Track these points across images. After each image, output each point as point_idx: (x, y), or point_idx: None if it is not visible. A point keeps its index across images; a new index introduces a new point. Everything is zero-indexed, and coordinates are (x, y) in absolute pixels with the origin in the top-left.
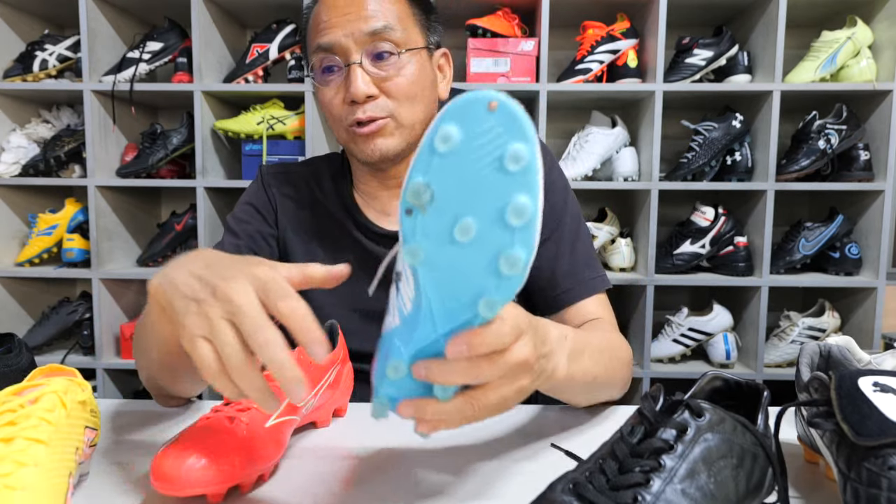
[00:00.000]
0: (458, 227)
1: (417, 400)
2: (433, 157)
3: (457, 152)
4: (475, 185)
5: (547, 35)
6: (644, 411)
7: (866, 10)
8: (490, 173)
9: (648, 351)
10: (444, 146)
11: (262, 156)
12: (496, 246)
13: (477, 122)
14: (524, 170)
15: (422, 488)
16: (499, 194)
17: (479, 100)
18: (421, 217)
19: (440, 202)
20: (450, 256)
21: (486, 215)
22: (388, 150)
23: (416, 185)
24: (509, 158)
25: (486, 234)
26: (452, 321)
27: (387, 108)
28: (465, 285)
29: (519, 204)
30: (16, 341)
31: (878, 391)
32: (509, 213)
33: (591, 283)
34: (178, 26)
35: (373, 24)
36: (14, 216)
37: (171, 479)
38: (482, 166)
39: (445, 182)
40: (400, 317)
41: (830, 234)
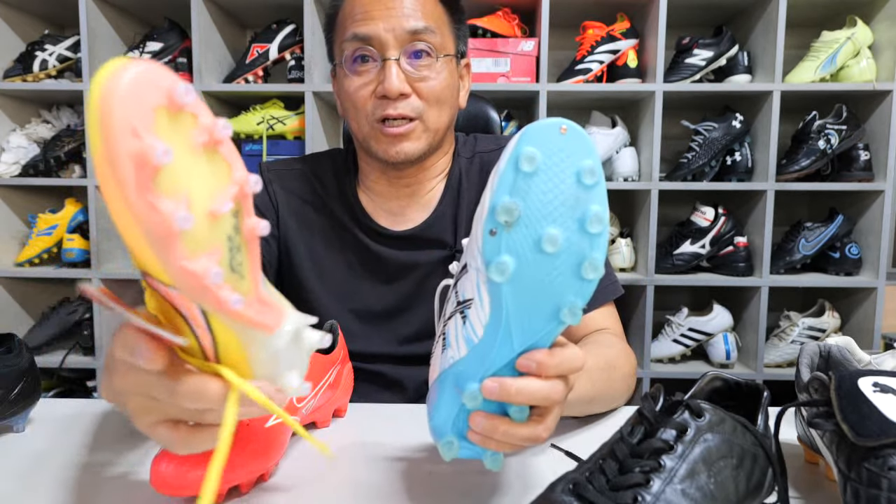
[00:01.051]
0: (545, 239)
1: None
2: (517, 176)
3: (540, 171)
4: (558, 200)
5: (547, 35)
6: (644, 411)
7: (866, 10)
8: (569, 187)
9: (648, 351)
10: (528, 166)
11: (263, 156)
12: (580, 253)
13: (553, 144)
14: (597, 182)
15: (421, 488)
16: (579, 206)
17: (553, 125)
18: (506, 235)
19: (526, 218)
20: (536, 269)
21: (570, 226)
22: (412, 154)
23: (506, 204)
24: (586, 173)
25: (571, 244)
26: (532, 337)
27: (417, 108)
28: (548, 296)
29: (596, 213)
30: (16, 341)
31: (878, 391)
32: (589, 221)
33: (602, 293)
34: (178, 26)
35: (415, 23)
36: (14, 216)
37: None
38: (562, 181)
39: (531, 199)
40: (469, 346)
41: (830, 235)
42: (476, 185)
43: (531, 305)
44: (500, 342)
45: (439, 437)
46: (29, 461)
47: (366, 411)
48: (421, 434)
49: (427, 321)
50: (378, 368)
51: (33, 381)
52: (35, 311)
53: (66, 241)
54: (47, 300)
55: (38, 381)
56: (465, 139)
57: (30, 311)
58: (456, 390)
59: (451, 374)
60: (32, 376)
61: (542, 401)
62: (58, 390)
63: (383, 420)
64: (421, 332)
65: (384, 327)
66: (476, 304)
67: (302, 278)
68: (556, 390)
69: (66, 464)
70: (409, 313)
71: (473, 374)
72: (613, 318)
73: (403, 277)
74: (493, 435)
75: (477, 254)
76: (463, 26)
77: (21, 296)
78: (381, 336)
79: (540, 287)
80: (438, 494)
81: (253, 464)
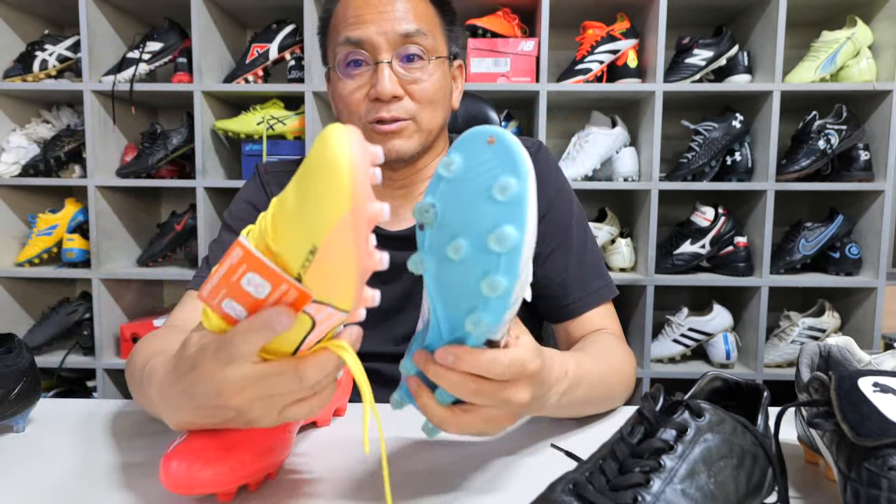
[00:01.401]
0: (451, 246)
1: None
2: (440, 181)
3: (456, 179)
4: (469, 210)
5: (547, 35)
6: (644, 411)
7: (866, 10)
8: (481, 201)
9: (648, 351)
10: (446, 172)
11: (262, 156)
12: (481, 268)
13: (476, 154)
14: (511, 201)
15: (421, 487)
16: (487, 221)
17: (480, 134)
18: (429, 232)
19: (442, 221)
20: (446, 272)
21: (475, 239)
22: (404, 152)
23: (423, 205)
24: (497, 189)
25: (473, 256)
26: (454, 333)
27: (410, 110)
28: (459, 301)
29: (503, 232)
30: (16, 341)
31: (878, 391)
32: (492, 239)
33: (599, 294)
34: (178, 26)
35: (406, 26)
36: (14, 216)
37: (182, 479)
38: (476, 193)
39: (447, 204)
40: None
41: (830, 235)
42: None
43: (450, 304)
44: (432, 328)
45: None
46: (29, 461)
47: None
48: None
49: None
50: (375, 367)
51: (33, 381)
52: (35, 311)
53: (66, 241)
54: (47, 300)
55: (38, 381)
56: None
57: (30, 311)
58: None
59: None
60: (32, 376)
61: (455, 392)
62: (58, 390)
63: (383, 419)
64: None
65: (380, 327)
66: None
67: None
68: (469, 387)
69: (66, 464)
70: (404, 313)
71: (418, 347)
72: (611, 318)
73: (398, 277)
74: (417, 400)
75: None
76: (455, 28)
77: (21, 296)
78: (377, 335)
79: (454, 289)
80: (438, 494)
81: (263, 462)
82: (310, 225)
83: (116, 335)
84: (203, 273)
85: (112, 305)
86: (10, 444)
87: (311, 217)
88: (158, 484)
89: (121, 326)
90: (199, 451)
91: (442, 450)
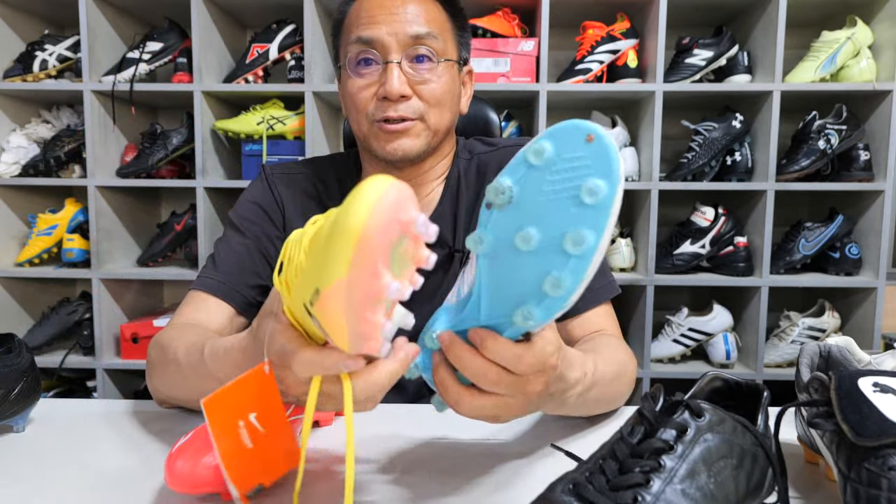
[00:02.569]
0: (520, 234)
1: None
2: (522, 165)
3: (544, 168)
4: (549, 204)
5: (547, 35)
6: (644, 411)
7: (866, 10)
8: (566, 198)
9: (648, 351)
10: (536, 159)
11: (263, 156)
12: (548, 265)
13: (570, 148)
14: (598, 205)
15: (422, 487)
16: (566, 220)
17: (579, 128)
18: (496, 213)
19: (516, 207)
20: (507, 258)
21: (549, 234)
22: (411, 151)
23: (501, 185)
24: (586, 190)
25: (543, 251)
26: (494, 318)
27: (418, 109)
28: (512, 290)
29: (581, 235)
30: (16, 341)
31: (878, 391)
32: (568, 239)
33: (599, 293)
34: (178, 26)
35: (417, 28)
36: (14, 216)
37: (186, 478)
38: (561, 189)
39: (526, 191)
40: (458, 296)
41: (830, 235)
42: (474, 185)
43: (500, 290)
44: (471, 307)
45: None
46: (29, 461)
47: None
48: (421, 434)
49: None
50: None
51: (33, 381)
52: (35, 311)
53: (66, 241)
54: (47, 300)
55: (38, 381)
56: (464, 142)
57: (30, 311)
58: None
59: (441, 311)
60: (32, 376)
61: (471, 376)
62: (58, 390)
63: (383, 419)
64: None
65: None
66: (471, 263)
67: None
68: (486, 375)
69: (66, 464)
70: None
71: (446, 321)
72: (611, 318)
73: None
74: (434, 375)
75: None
76: (466, 34)
77: (21, 296)
78: None
79: (509, 277)
80: (438, 494)
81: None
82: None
83: (116, 335)
84: (208, 273)
85: (112, 305)
86: (10, 444)
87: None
88: (158, 484)
89: (121, 326)
90: (203, 450)
91: (442, 449)
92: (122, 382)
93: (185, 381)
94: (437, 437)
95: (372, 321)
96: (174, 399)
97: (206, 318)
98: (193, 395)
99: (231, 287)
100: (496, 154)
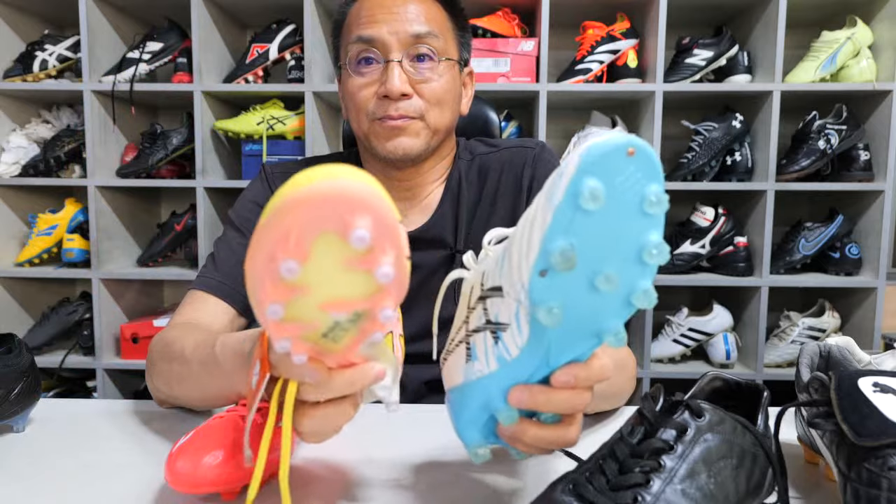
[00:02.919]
0: (601, 279)
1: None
2: (576, 214)
3: (604, 209)
4: (619, 235)
5: (547, 35)
6: (644, 411)
7: (866, 10)
8: (632, 219)
9: (648, 351)
10: (592, 204)
11: (262, 156)
12: (632, 284)
13: (619, 171)
14: (662, 209)
15: (422, 487)
16: (638, 236)
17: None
18: (560, 276)
19: (582, 258)
20: (587, 304)
21: (627, 260)
22: (411, 150)
23: (564, 250)
24: (650, 202)
25: (624, 277)
26: (568, 356)
27: (418, 108)
28: (594, 322)
29: (655, 242)
30: (16, 341)
31: (878, 391)
32: (647, 252)
33: None
34: (178, 26)
35: (418, 27)
36: (14, 216)
37: (187, 477)
38: (625, 215)
39: (589, 239)
40: (500, 364)
41: (830, 235)
42: (475, 186)
43: (575, 332)
44: (537, 364)
45: (468, 445)
46: (29, 461)
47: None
48: (421, 434)
49: (427, 321)
50: None
51: (33, 381)
52: (35, 311)
53: (66, 241)
54: (47, 300)
55: (38, 381)
56: (465, 143)
57: (30, 311)
58: (485, 403)
59: (480, 386)
60: (32, 376)
61: (567, 410)
62: (58, 390)
63: (384, 419)
64: (421, 332)
65: None
66: (513, 330)
67: None
68: (582, 399)
69: (66, 464)
70: (409, 314)
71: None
72: None
73: None
74: (523, 438)
75: (520, 289)
76: (467, 34)
77: (21, 296)
78: None
79: (586, 317)
80: (438, 494)
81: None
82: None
83: (116, 335)
84: (208, 272)
85: (112, 305)
86: (10, 444)
87: None
88: (159, 484)
89: (121, 326)
90: (204, 449)
91: (443, 450)
92: (122, 382)
93: (191, 378)
94: (437, 437)
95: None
96: (175, 398)
97: (206, 318)
98: (197, 393)
99: (231, 287)
100: (498, 155)
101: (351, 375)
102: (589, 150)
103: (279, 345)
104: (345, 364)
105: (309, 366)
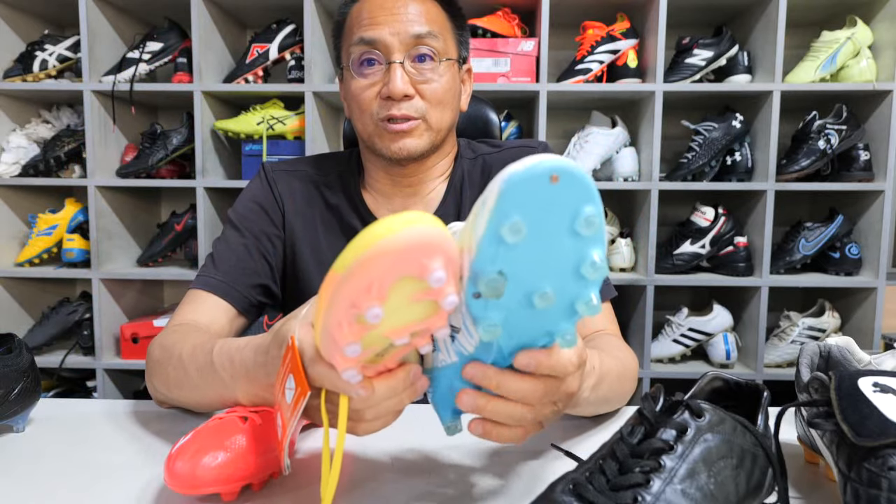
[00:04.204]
0: (536, 297)
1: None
2: (500, 247)
3: (527, 239)
4: (550, 258)
5: (547, 35)
6: (644, 411)
7: (866, 10)
8: (563, 243)
9: (648, 351)
10: (513, 237)
11: (263, 156)
12: (572, 297)
13: (542, 199)
14: (595, 228)
15: (422, 487)
16: (572, 255)
17: (541, 175)
18: (494, 301)
19: (514, 282)
20: (528, 317)
21: (562, 277)
22: (415, 150)
23: (491, 278)
24: (583, 224)
25: (562, 292)
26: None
27: (420, 109)
28: (540, 328)
29: (592, 260)
30: (16, 341)
31: (878, 391)
32: (584, 269)
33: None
34: (178, 26)
35: (419, 28)
36: (14, 216)
37: (187, 478)
38: (555, 241)
39: (518, 264)
40: (459, 357)
41: (830, 235)
42: (478, 184)
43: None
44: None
45: (442, 422)
46: (29, 461)
47: None
48: (420, 433)
49: None
50: None
51: (33, 381)
52: (35, 311)
53: (66, 241)
54: (47, 300)
55: (38, 381)
56: (467, 142)
57: (30, 311)
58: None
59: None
60: (32, 376)
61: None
62: (58, 390)
63: None
64: None
65: None
66: (465, 333)
67: (306, 278)
68: (536, 390)
69: (66, 464)
70: None
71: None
72: (611, 319)
73: None
74: (482, 413)
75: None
76: (465, 33)
77: (21, 296)
78: None
79: (531, 326)
80: (438, 494)
81: (267, 462)
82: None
83: (116, 335)
84: (208, 272)
85: (112, 305)
86: (10, 444)
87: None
88: (158, 484)
89: (121, 326)
90: (203, 450)
91: (442, 450)
92: (122, 382)
93: (188, 382)
94: (437, 437)
95: (342, 330)
96: (173, 400)
97: (205, 318)
98: (194, 396)
99: (231, 286)
100: (501, 155)
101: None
102: (509, 178)
103: (347, 374)
104: (382, 371)
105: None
